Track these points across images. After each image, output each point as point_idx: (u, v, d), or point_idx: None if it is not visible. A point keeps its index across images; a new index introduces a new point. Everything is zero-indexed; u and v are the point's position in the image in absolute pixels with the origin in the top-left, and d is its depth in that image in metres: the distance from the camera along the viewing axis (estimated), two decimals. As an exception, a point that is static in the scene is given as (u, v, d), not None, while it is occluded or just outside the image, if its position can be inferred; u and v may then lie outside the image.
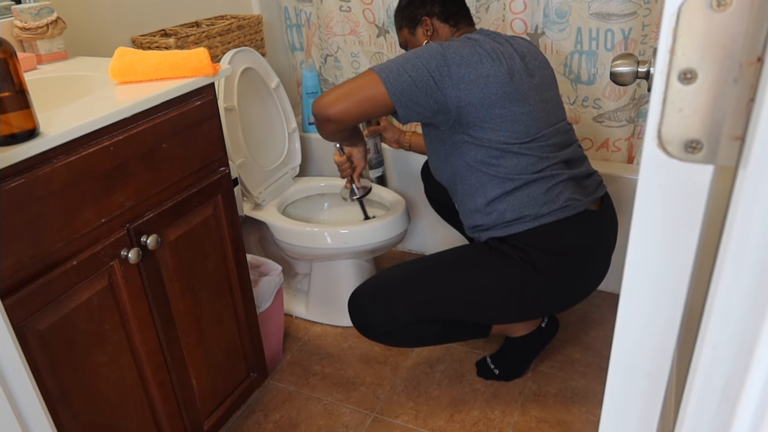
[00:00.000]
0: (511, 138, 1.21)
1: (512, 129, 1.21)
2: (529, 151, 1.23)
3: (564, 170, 1.26)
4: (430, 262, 1.32)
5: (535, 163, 1.23)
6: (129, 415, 1.05)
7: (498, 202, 1.25)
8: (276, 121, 1.85)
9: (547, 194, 1.23)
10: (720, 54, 0.34)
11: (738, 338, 0.34)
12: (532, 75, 1.25)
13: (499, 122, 1.20)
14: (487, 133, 1.21)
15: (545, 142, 1.24)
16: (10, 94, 0.77)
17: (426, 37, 1.38)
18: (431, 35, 1.38)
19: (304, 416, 1.46)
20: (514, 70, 1.21)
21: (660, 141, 0.37)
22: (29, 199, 0.82)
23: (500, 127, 1.21)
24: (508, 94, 1.19)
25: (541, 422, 1.41)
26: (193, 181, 1.13)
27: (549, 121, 1.27)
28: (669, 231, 0.40)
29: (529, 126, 1.22)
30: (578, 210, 1.24)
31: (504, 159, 1.23)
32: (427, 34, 1.38)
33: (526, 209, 1.23)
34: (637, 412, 0.48)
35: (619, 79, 0.69)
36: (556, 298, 1.32)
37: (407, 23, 1.42)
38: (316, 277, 1.76)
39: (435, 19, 1.37)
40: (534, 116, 1.23)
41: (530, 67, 1.25)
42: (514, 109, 1.20)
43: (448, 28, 1.38)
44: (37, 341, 0.86)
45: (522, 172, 1.23)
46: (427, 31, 1.38)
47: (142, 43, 1.54)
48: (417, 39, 1.41)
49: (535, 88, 1.24)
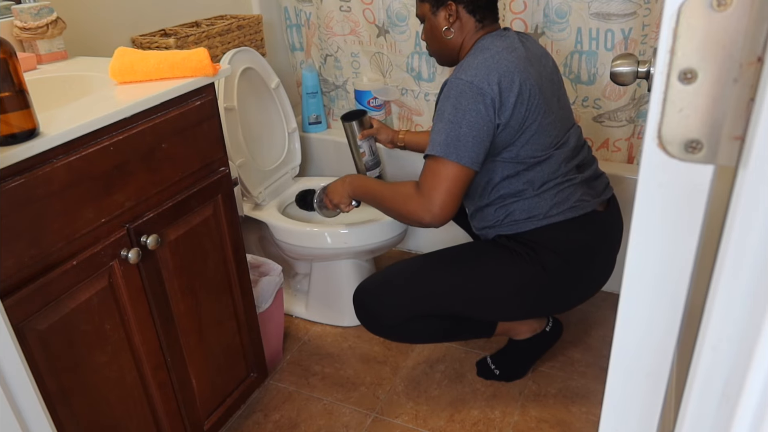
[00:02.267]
0: (538, 151, 1.21)
1: (540, 141, 1.21)
2: (551, 159, 1.23)
3: (576, 174, 1.27)
4: (437, 257, 1.32)
5: (555, 171, 1.24)
6: (129, 415, 1.05)
7: (510, 205, 1.26)
8: (276, 121, 1.85)
9: (557, 196, 1.24)
10: (720, 54, 0.34)
11: (738, 338, 0.34)
12: (550, 80, 1.25)
13: (529, 135, 1.19)
14: (519, 149, 1.21)
15: (565, 147, 1.25)
16: (10, 94, 0.77)
17: (447, 23, 1.28)
18: (452, 23, 1.27)
19: (304, 416, 1.46)
20: (539, 77, 1.20)
21: (660, 141, 0.37)
22: (29, 199, 0.82)
23: (530, 140, 1.20)
24: (537, 105, 1.18)
25: (541, 422, 1.41)
26: (193, 181, 1.13)
27: (566, 125, 1.27)
28: (669, 231, 0.40)
29: (552, 135, 1.23)
30: (586, 210, 1.26)
31: (529, 172, 1.23)
32: (448, 20, 1.27)
33: (535, 210, 1.25)
34: (637, 412, 0.48)
35: (619, 79, 0.69)
36: (562, 297, 1.32)
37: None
38: (316, 277, 1.76)
39: (462, 7, 1.26)
40: (556, 124, 1.23)
41: (548, 72, 1.25)
42: (543, 120, 1.20)
43: (473, 22, 1.27)
44: (37, 341, 0.86)
45: (542, 181, 1.23)
46: (450, 16, 1.27)
47: (142, 43, 1.54)
48: (437, 21, 1.29)
49: (554, 94, 1.24)
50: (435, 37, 1.33)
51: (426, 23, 1.33)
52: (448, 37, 1.30)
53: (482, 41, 1.25)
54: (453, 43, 1.30)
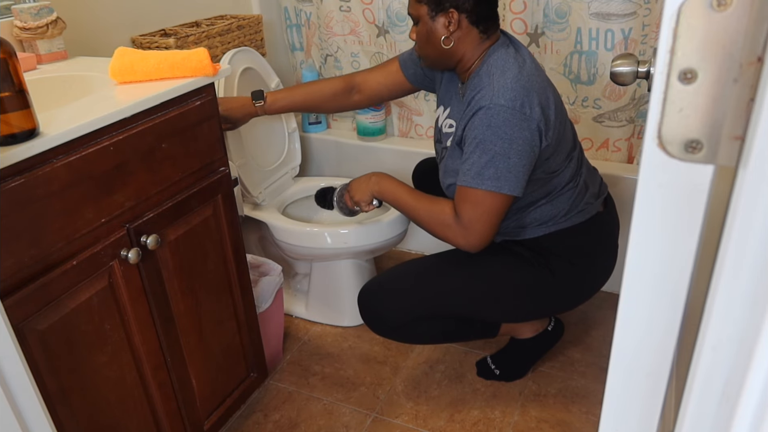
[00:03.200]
0: (561, 162, 1.21)
1: (563, 151, 1.20)
2: (569, 166, 1.23)
3: (580, 173, 1.27)
4: (443, 258, 1.32)
5: (571, 177, 1.24)
6: (129, 415, 1.05)
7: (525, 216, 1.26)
8: (276, 121, 1.85)
9: (568, 202, 1.25)
10: (720, 54, 0.34)
11: (738, 338, 0.34)
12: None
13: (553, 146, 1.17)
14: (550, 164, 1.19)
15: (575, 152, 1.25)
16: (9, 94, 0.77)
17: (447, 30, 1.17)
18: (452, 32, 1.17)
19: (304, 416, 1.46)
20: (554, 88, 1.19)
21: (660, 141, 0.37)
22: (29, 199, 0.82)
23: (552, 153, 1.18)
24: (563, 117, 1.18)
25: (541, 422, 1.41)
26: (193, 181, 1.13)
27: (572, 129, 1.28)
28: (669, 231, 0.40)
29: (570, 141, 1.23)
30: (592, 213, 1.27)
31: (549, 182, 1.22)
32: (448, 28, 1.17)
33: (545, 217, 1.25)
34: (637, 412, 0.48)
35: (619, 79, 0.69)
36: (567, 298, 1.33)
37: (430, 1, 1.17)
38: (316, 277, 1.76)
39: (464, 16, 1.16)
40: (569, 128, 1.23)
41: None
42: (562, 129, 1.19)
43: (477, 33, 1.18)
44: (37, 341, 0.86)
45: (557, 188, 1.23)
46: (450, 24, 1.16)
47: (142, 43, 1.54)
48: (435, 27, 1.18)
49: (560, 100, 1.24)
50: (431, 43, 1.21)
51: (421, 25, 1.21)
52: (447, 46, 1.19)
53: (494, 56, 1.18)
54: (452, 52, 1.21)
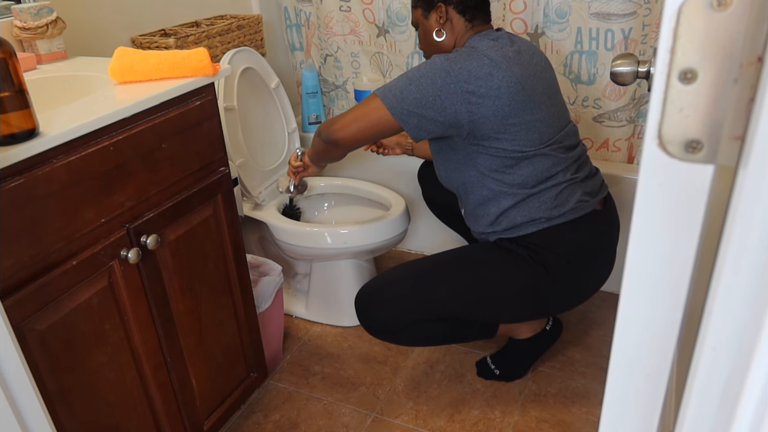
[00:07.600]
0: (526, 146, 1.21)
1: (527, 137, 1.21)
2: (542, 157, 1.23)
3: (574, 173, 1.27)
4: (439, 260, 1.32)
5: (549, 169, 1.24)
6: (129, 415, 1.05)
7: (510, 210, 1.26)
8: (276, 121, 1.85)
9: (557, 198, 1.24)
10: (720, 54, 0.34)
11: (738, 338, 0.34)
12: (541, 78, 1.25)
13: (513, 132, 1.19)
14: (503, 143, 1.21)
15: (557, 146, 1.25)
16: (9, 94, 0.77)
17: (438, 24, 1.29)
18: (443, 23, 1.29)
19: (304, 416, 1.46)
20: (525, 76, 1.19)
21: (660, 141, 0.37)
22: (29, 199, 0.82)
23: (515, 137, 1.20)
24: (520, 103, 1.18)
25: (541, 422, 1.41)
26: (193, 181, 1.13)
27: (559, 124, 1.27)
28: (669, 231, 0.40)
29: (542, 132, 1.22)
30: (587, 211, 1.26)
31: (519, 167, 1.23)
32: (440, 22, 1.29)
33: (537, 213, 1.25)
34: (637, 412, 0.48)
35: (620, 79, 0.69)
36: (565, 297, 1.32)
37: (422, 3, 1.32)
38: (316, 277, 1.76)
39: (451, 8, 1.28)
40: (546, 122, 1.23)
41: (538, 70, 1.25)
42: (528, 117, 1.20)
43: (463, 21, 1.28)
44: (36, 341, 0.86)
45: (536, 180, 1.23)
46: (440, 18, 1.29)
47: (142, 43, 1.54)
48: (429, 24, 1.32)
49: (545, 92, 1.24)
50: (428, 41, 1.33)
51: (420, 29, 1.35)
52: (440, 39, 1.30)
53: (471, 40, 1.25)
54: (445, 45, 1.31)
